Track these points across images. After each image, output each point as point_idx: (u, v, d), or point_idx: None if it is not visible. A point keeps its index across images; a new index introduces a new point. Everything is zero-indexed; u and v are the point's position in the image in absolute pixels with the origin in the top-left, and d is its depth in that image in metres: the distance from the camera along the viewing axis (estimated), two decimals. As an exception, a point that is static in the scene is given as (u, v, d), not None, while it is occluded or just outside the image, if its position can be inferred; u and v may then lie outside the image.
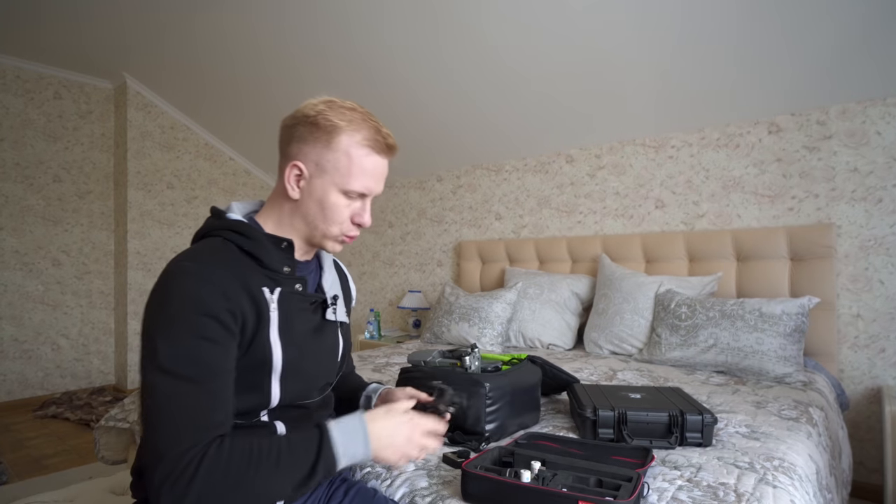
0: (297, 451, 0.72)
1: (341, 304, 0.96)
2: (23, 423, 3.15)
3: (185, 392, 0.68)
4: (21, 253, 3.57)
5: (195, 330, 0.70)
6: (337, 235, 0.87)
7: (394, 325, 3.92)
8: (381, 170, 0.87)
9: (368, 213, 0.88)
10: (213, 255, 0.77)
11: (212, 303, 0.71)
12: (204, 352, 0.70)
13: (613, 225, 2.79)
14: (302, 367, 0.84)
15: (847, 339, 2.12)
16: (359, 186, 0.83)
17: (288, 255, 0.85)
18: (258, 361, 0.78)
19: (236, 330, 0.75)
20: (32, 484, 2.25)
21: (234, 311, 0.74)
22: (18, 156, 3.54)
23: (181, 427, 0.67)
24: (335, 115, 0.82)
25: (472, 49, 2.48)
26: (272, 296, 0.80)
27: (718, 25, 1.98)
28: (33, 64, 3.58)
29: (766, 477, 0.99)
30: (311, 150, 0.83)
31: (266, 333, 0.78)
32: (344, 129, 0.82)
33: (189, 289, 0.71)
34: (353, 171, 0.82)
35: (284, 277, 0.84)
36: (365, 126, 0.83)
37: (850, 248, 2.10)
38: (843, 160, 2.12)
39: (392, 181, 3.92)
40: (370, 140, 0.83)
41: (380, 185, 0.87)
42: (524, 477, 0.88)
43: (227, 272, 0.75)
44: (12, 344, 3.54)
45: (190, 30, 2.99)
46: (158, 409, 0.68)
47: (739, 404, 1.52)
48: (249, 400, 0.79)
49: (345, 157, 0.82)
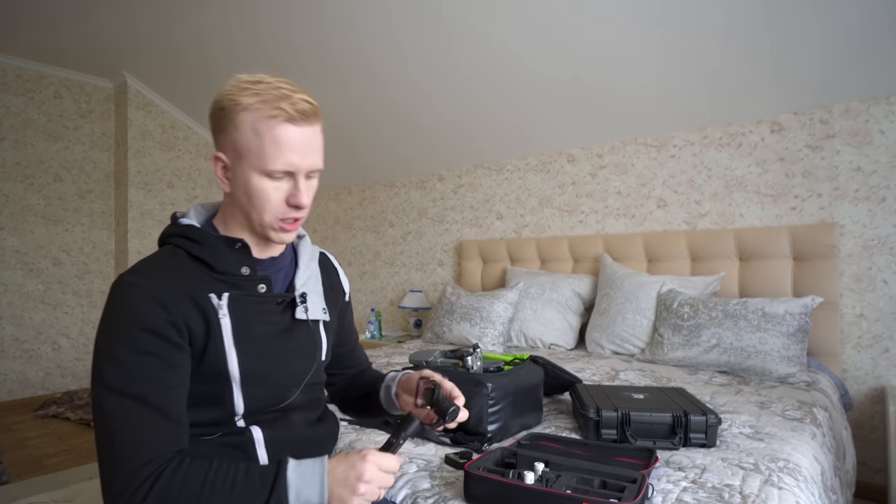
0: (251, 486, 0.69)
1: (317, 300, 0.90)
2: (23, 423, 3.14)
3: (130, 409, 0.67)
4: (22, 252, 3.56)
5: (135, 346, 0.69)
6: (273, 223, 0.78)
7: (395, 325, 3.91)
8: (300, 140, 0.75)
9: (304, 192, 0.77)
10: (156, 266, 0.75)
11: (151, 317, 0.69)
12: (146, 367, 0.69)
13: (615, 224, 2.78)
14: (265, 372, 0.80)
15: (850, 338, 2.11)
16: (279, 165, 0.74)
17: (244, 255, 0.81)
18: (215, 371, 0.76)
19: (182, 342, 0.72)
20: (33, 484, 2.24)
21: (176, 322, 0.71)
22: (19, 155, 3.54)
23: (130, 445, 0.66)
24: (237, 93, 0.74)
25: (473, 48, 2.47)
26: (220, 301, 0.76)
27: (721, 24, 1.97)
28: (34, 63, 3.57)
29: (772, 478, 0.99)
30: (226, 136, 0.76)
31: (219, 341, 0.75)
32: (246, 104, 0.74)
33: (128, 303, 0.70)
34: (265, 148, 0.73)
35: (244, 279, 0.80)
36: (268, 96, 0.73)
37: (854, 247, 2.09)
38: (846, 159, 2.11)
39: (393, 181, 3.92)
40: (275, 109, 0.73)
41: (308, 159, 0.76)
42: (528, 478, 0.87)
43: (168, 283, 0.73)
44: (13, 343, 3.54)
45: (190, 29, 2.98)
46: (106, 427, 0.67)
47: (743, 405, 1.51)
48: (213, 412, 0.78)
49: (253, 135, 0.73)
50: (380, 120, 3.28)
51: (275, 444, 0.82)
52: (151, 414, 0.68)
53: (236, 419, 0.81)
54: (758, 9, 1.87)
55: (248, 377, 0.78)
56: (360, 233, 4.18)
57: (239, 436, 0.80)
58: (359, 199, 4.20)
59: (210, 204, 0.89)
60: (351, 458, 0.71)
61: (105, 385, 0.68)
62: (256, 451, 0.80)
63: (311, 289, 0.90)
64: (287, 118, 0.73)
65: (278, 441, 0.83)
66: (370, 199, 4.10)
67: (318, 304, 0.90)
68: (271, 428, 0.83)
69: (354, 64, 2.84)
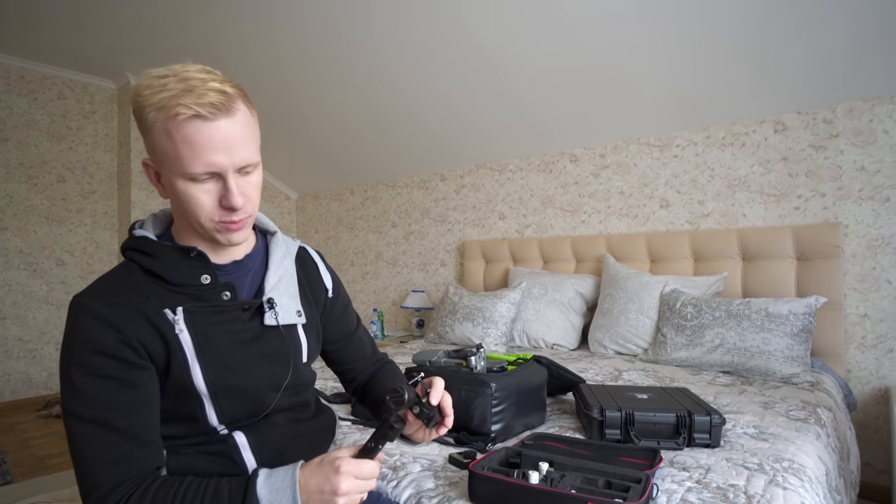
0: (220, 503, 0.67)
1: (290, 302, 0.84)
2: (27, 423, 3.15)
3: (94, 435, 0.66)
4: (25, 253, 3.57)
5: (90, 370, 0.67)
6: (211, 227, 0.72)
7: (397, 325, 3.92)
8: (217, 137, 0.66)
9: (236, 193, 0.69)
10: (109, 285, 0.72)
11: (101, 339, 0.67)
12: (103, 391, 0.67)
13: (618, 224, 2.78)
14: (233, 383, 0.76)
15: (854, 339, 2.10)
16: (199, 167, 0.66)
17: (202, 263, 0.76)
18: (181, 388, 0.73)
19: (142, 360, 0.70)
20: (36, 483, 2.25)
21: (130, 342, 0.69)
22: (23, 156, 3.55)
23: (97, 469, 0.66)
24: (143, 91, 0.67)
25: (475, 50, 2.47)
26: (176, 316, 0.72)
27: (725, 24, 1.96)
28: (37, 64, 3.58)
29: (776, 478, 0.98)
30: (146, 140, 0.70)
31: (181, 357, 0.72)
32: (152, 103, 0.66)
33: (79, 327, 0.68)
34: (179, 150, 0.66)
35: (205, 289, 0.75)
36: (174, 91, 0.65)
37: (858, 247, 2.09)
38: (850, 159, 2.10)
39: (395, 181, 3.92)
40: (180, 107, 0.65)
41: (236, 154, 0.68)
42: (532, 478, 0.87)
43: (120, 302, 0.70)
44: (17, 343, 3.55)
45: (192, 29, 2.98)
46: (76, 451, 0.67)
47: (747, 405, 1.51)
48: (189, 426, 0.77)
49: (166, 137, 0.66)
50: (383, 119, 3.29)
51: (260, 445, 0.80)
52: (115, 436, 0.67)
53: (218, 429, 0.79)
54: (761, 7, 1.86)
55: (216, 390, 0.75)
56: (363, 233, 4.18)
57: (222, 443, 0.78)
58: (361, 200, 4.20)
59: (170, 210, 0.82)
60: (324, 470, 0.67)
61: (68, 411, 0.67)
62: (242, 456, 0.78)
63: (282, 290, 0.84)
64: (194, 115, 0.65)
65: (263, 442, 0.80)
66: (372, 199, 4.10)
67: (291, 307, 0.84)
68: (254, 431, 0.80)
69: (359, 63, 2.84)
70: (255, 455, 0.79)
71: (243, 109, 0.71)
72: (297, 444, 0.85)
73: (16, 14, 2.91)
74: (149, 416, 0.71)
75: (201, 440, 0.78)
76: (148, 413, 0.71)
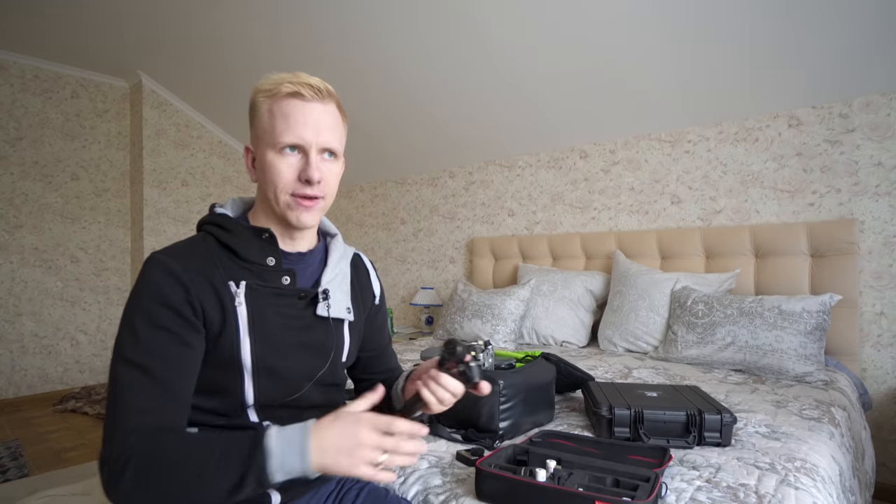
0: (230, 457, 0.66)
1: (342, 298, 0.90)
2: (43, 417, 3.21)
3: (135, 379, 0.69)
4: (41, 250, 3.63)
5: (152, 319, 0.71)
6: (287, 200, 0.79)
7: (406, 322, 3.92)
8: (309, 115, 0.78)
9: (315, 167, 0.78)
10: (185, 249, 0.78)
11: (171, 293, 0.72)
12: (158, 341, 0.71)
13: (628, 221, 2.76)
14: (276, 364, 0.80)
15: (870, 337, 2.06)
16: (287, 138, 0.77)
17: (270, 245, 0.83)
18: (227, 359, 0.77)
19: (198, 323, 0.74)
20: (52, 477, 2.29)
21: (193, 303, 0.73)
22: (37, 154, 3.60)
23: (127, 413, 0.68)
24: (261, 85, 0.81)
25: (485, 47, 2.46)
26: (238, 290, 0.78)
27: (737, 17, 1.93)
28: (51, 64, 3.63)
29: (788, 478, 0.97)
30: (252, 127, 0.83)
31: (234, 328, 0.76)
32: (263, 90, 0.80)
33: (152, 279, 0.73)
34: (274, 123, 0.78)
35: (268, 270, 0.81)
36: (281, 79, 0.79)
37: (874, 244, 2.05)
38: (866, 154, 2.06)
39: (404, 178, 3.92)
40: (282, 86, 0.78)
41: (321, 135, 0.79)
42: (539, 476, 0.87)
43: (192, 265, 0.75)
44: (33, 339, 3.61)
45: (204, 28, 3.00)
46: (112, 394, 0.70)
47: (759, 403, 1.49)
48: (223, 400, 0.78)
49: (267, 114, 0.79)
50: (392, 117, 3.29)
51: None
52: (153, 386, 0.70)
53: (248, 411, 0.81)
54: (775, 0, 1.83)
55: (258, 367, 0.78)
56: (372, 230, 4.19)
57: (250, 430, 0.80)
58: (370, 197, 4.21)
59: (248, 198, 0.91)
60: (343, 421, 0.68)
61: (119, 354, 0.71)
62: None
63: (336, 286, 0.89)
64: (293, 93, 0.78)
65: None
66: (382, 196, 4.11)
67: (342, 303, 0.90)
68: (282, 423, 0.82)
69: (368, 61, 2.84)
70: None
71: (334, 106, 0.82)
72: None
73: (30, 15, 2.95)
74: (189, 377, 0.74)
75: (226, 420, 0.79)
76: (189, 374, 0.74)
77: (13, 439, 2.77)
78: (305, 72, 0.82)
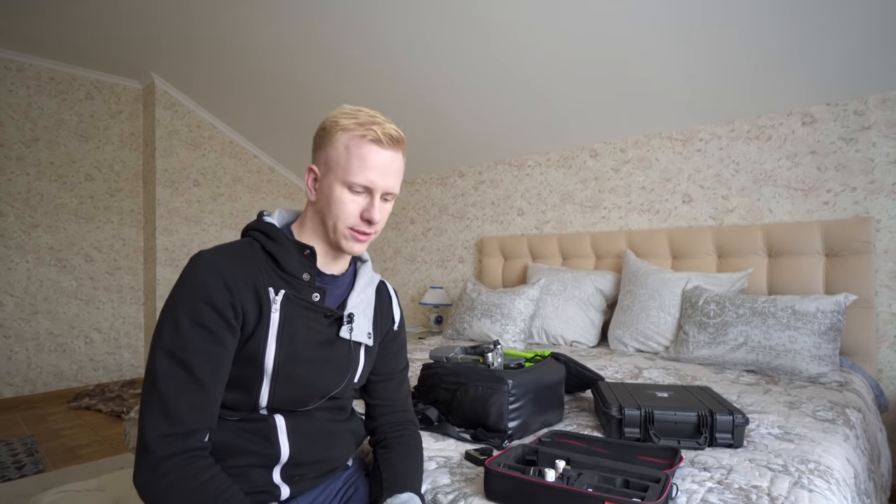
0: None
1: (364, 323, 0.93)
2: (58, 414, 3.26)
3: (177, 373, 0.73)
4: (56, 249, 3.68)
5: (196, 317, 0.75)
6: (345, 231, 0.85)
7: (416, 322, 3.93)
8: (383, 162, 0.84)
9: (377, 209, 0.85)
10: (232, 252, 0.82)
11: (215, 293, 0.76)
12: (199, 338, 0.75)
13: (639, 220, 2.74)
14: (296, 374, 0.83)
15: (886, 338, 2.03)
16: (361, 179, 0.83)
17: (310, 262, 0.87)
18: (251, 358, 0.80)
19: (236, 325, 0.78)
20: (67, 473, 2.32)
21: (235, 305, 0.77)
22: (52, 155, 3.66)
23: (167, 408, 0.72)
24: (339, 117, 0.85)
25: (495, 46, 2.45)
26: (276, 297, 0.82)
27: (749, 13, 1.91)
28: (66, 66, 3.68)
29: (801, 480, 0.96)
30: (322, 152, 0.86)
31: (264, 332, 0.80)
32: (344, 125, 0.84)
33: (198, 277, 0.76)
34: (352, 163, 0.82)
35: (303, 284, 0.85)
36: (364, 120, 0.83)
37: (890, 243, 2.01)
38: (882, 151, 2.03)
39: (413, 177, 3.92)
40: (367, 131, 0.83)
41: (388, 180, 0.85)
42: (548, 476, 0.86)
43: (238, 267, 0.79)
44: (48, 337, 3.66)
45: (216, 29, 3.03)
46: (151, 385, 0.73)
47: (771, 404, 1.47)
48: (240, 396, 0.81)
49: (344, 151, 0.83)
50: (400, 116, 3.29)
51: (296, 433, 0.86)
52: (192, 384, 0.74)
53: (261, 411, 0.84)
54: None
55: (279, 373, 0.82)
56: (382, 229, 4.20)
57: (262, 422, 0.84)
58: (380, 196, 4.21)
59: (293, 211, 0.96)
60: None
61: (161, 345, 0.74)
62: (278, 438, 0.84)
63: (360, 311, 0.93)
64: (374, 139, 0.83)
65: (299, 431, 0.86)
66: (391, 195, 4.11)
67: (364, 328, 0.94)
68: (294, 419, 0.86)
69: (376, 61, 2.85)
70: (290, 440, 0.85)
71: (402, 154, 0.88)
72: (328, 440, 0.91)
73: (46, 18, 2.99)
74: (222, 377, 0.78)
75: (241, 415, 0.83)
76: (223, 374, 0.78)
77: (29, 436, 2.82)
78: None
